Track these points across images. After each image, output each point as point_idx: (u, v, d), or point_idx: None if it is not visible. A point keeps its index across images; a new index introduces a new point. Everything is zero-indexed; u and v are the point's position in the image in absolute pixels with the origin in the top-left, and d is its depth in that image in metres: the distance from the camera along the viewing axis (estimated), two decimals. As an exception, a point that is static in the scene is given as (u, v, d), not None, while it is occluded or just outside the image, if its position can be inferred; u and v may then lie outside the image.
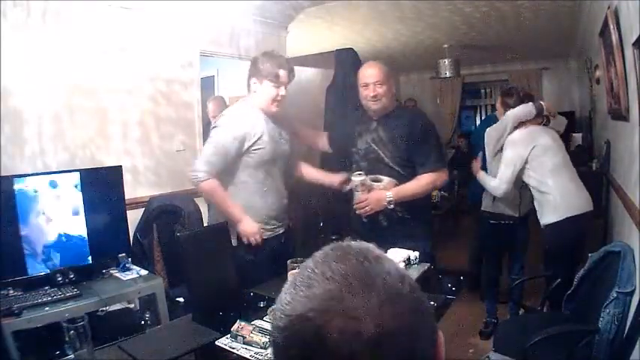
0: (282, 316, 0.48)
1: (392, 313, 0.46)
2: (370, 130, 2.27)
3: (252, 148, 2.12)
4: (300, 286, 0.49)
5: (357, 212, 2.19)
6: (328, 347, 0.44)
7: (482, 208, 3.02)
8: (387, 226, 2.22)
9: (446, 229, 5.02)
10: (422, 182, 2.19)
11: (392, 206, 2.14)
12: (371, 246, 0.54)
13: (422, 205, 2.26)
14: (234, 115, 2.19)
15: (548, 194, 2.49)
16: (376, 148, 2.23)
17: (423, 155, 2.19)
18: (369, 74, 2.23)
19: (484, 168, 2.84)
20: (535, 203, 2.60)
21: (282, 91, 2.14)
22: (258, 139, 2.13)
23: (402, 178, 2.19)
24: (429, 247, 2.27)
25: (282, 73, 2.12)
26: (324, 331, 0.45)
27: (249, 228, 2.09)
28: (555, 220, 2.45)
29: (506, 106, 2.77)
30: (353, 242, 0.54)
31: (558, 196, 2.46)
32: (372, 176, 2.20)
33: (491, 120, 3.14)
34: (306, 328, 0.46)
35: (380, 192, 2.16)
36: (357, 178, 2.16)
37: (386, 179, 2.19)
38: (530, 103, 2.64)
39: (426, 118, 2.39)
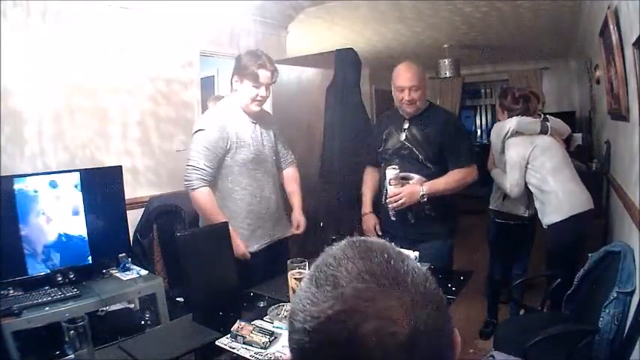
0: (308, 317, 0.45)
1: (424, 313, 0.45)
2: (403, 128, 2.30)
3: (234, 148, 2.09)
4: (325, 285, 0.46)
5: (389, 206, 2.19)
6: (363, 349, 0.42)
7: (490, 207, 3.03)
8: (414, 224, 2.25)
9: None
10: (454, 178, 2.22)
11: (425, 199, 2.16)
12: (387, 242, 0.52)
13: (448, 204, 2.30)
14: (215, 115, 2.15)
15: (550, 194, 2.50)
16: (410, 146, 2.27)
17: (454, 152, 2.24)
18: (406, 79, 2.22)
19: None
20: (536, 203, 2.60)
21: (262, 91, 2.08)
22: (239, 138, 2.09)
23: (432, 176, 2.23)
24: (450, 245, 2.33)
25: (263, 73, 2.06)
26: (359, 333, 0.43)
27: (236, 249, 2.03)
28: (559, 220, 2.45)
29: (504, 108, 2.78)
30: (368, 238, 0.52)
31: (561, 196, 2.46)
32: (403, 174, 2.22)
33: None
34: (339, 331, 0.43)
35: (414, 186, 2.18)
36: (391, 172, 2.17)
37: (416, 177, 2.23)
38: (539, 121, 2.64)
39: (456, 118, 2.41)
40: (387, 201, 2.19)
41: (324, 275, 0.47)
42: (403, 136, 2.29)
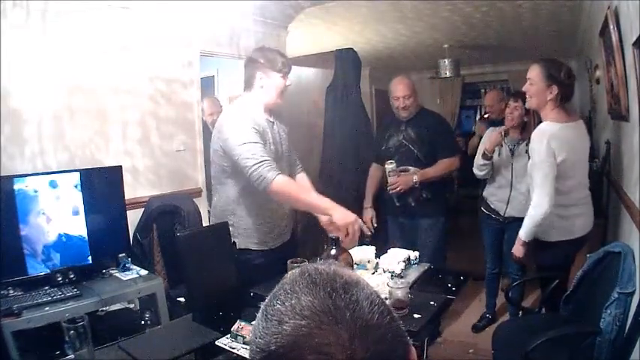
0: (258, 349, 0.50)
1: (363, 346, 0.47)
2: (400, 130, 2.86)
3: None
4: (272, 320, 0.50)
5: (390, 192, 2.80)
6: None
7: (483, 194, 3.03)
8: (414, 206, 2.84)
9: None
10: (441, 166, 2.82)
11: (417, 185, 2.77)
12: (339, 271, 0.54)
13: (439, 188, 2.91)
14: (243, 112, 2.03)
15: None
16: (407, 144, 2.83)
17: (441, 147, 2.83)
18: (399, 90, 2.80)
19: None
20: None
21: (287, 80, 2.10)
22: (264, 135, 2.01)
23: (424, 167, 2.79)
24: (443, 222, 2.93)
25: (286, 61, 2.09)
26: None
27: (346, 218, 1.81)
28: (556, 240, 2.23)
29: (556, 82, 2.53)
30: (320, 266, 0.55)
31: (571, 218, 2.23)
32: (402, 167, 2.80)
33: None
34: None
35: (408, 175, 2.78)
36: (389, 166, 2.77)
37: (412, 169, 2.80)
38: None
39: (442, 118, 3.08)
40: (389, 189, 2.80)
41: (272, 310, 0.52)
42: (401, 136, 2.84)
